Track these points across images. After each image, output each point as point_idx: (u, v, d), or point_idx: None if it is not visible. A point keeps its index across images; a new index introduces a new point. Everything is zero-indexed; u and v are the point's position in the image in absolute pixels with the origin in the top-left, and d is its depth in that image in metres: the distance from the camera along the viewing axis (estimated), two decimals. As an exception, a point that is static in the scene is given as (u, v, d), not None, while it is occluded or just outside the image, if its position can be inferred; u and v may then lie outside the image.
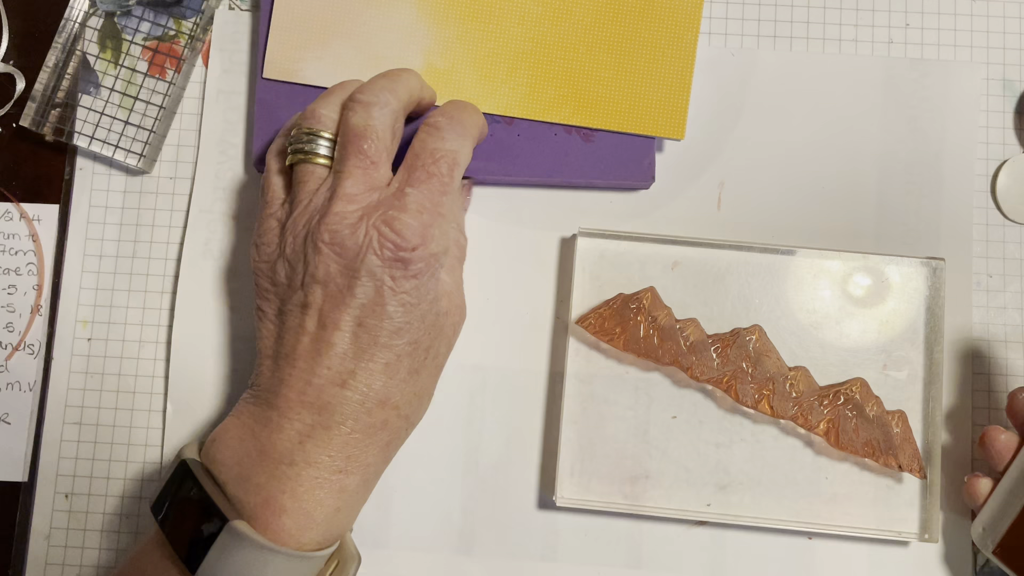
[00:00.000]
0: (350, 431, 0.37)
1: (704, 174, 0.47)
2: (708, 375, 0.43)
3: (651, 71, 0.45)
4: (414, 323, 0.38)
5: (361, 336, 0.37)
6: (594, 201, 0.47)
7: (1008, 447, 0.41)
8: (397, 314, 0.37)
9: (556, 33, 0.45)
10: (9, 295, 0.47)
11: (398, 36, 0.45)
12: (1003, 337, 0.46)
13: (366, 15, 0.45)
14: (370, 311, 0.37)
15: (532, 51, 0.45)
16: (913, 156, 0.47)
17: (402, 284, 0.37)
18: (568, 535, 0.44)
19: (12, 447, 0.46)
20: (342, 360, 0.37)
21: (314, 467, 0.37)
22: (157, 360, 0.46)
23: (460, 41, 0.45)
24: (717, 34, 0.48)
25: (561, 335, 0.46)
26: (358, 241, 0.37)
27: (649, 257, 0.46)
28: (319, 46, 0.45)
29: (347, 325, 0.37)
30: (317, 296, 0.37)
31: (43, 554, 0.45)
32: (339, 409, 0.37)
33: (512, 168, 0.45)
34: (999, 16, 0.48)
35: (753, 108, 0.47)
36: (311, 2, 0.46)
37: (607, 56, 0.45)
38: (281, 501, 0.36)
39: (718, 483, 0.44)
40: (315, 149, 0.40)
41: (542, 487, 0.45)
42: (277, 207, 0.40)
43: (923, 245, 0.46)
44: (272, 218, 0.40)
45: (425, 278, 0.38)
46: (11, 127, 0.48)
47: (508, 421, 0.45)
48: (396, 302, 0.37)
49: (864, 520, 0.44)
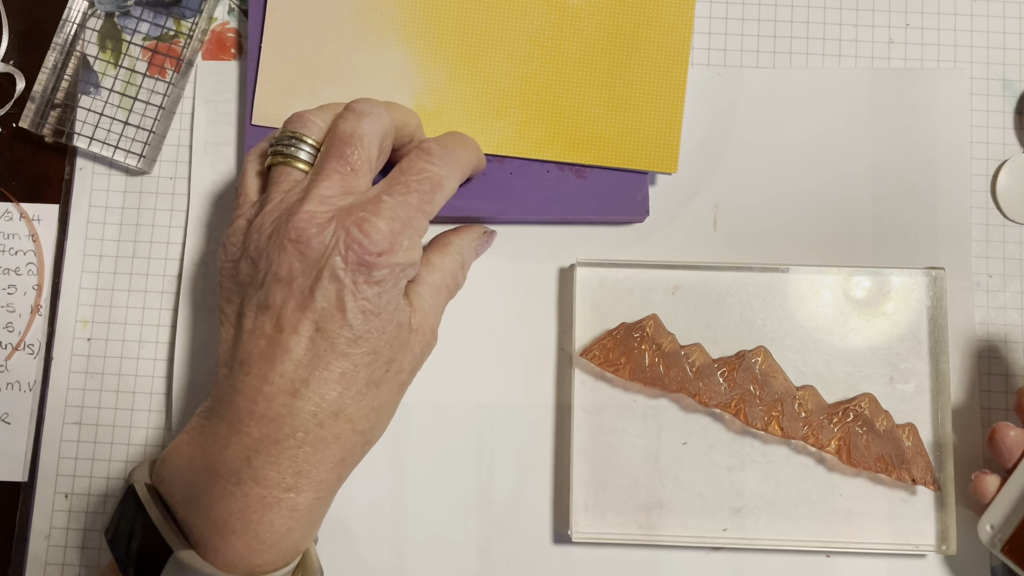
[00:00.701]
0: (299, 444, 0.35)
1: (699, 196, 0.47)
2: (716, 400, 0.43)
3: (641, 105, 0.45)
4: (374, 332, 0.36)
5: (318, 342, 0.35)
6: (591, 230, 0.46)
7: (1018, 443, 0.41)
8: (357, 321, 0.36)
9: (545, 71, 0.45)
10: (9, 295, 0.47)
11: (387, 79, 0.45)
12: (1004, 337, 0.46)
13: (354, 59, 0.45)
14: (329, 316, 0.35)
15: (521, 90, 0.45)
16: (906, 164, 0.47)
17: (363, 290, 0.36)
18: (585, 569, 0.44)
19: (12, 447, 0.46)
20: (296, 367, 0.35)
21: (262, 485, 0.35)
22: (157, 360, 0.46)
23: (449, 82, 0.45)
24: (700, 50, 0.48)
25: (566, 367, 0.45)
26: (324, 241, 0.36)
27: (649, 283, 0.45)
28: (307, 91, 0.45)
29: (305, 329, 0.35)
30: (277, 296, 0.36)
31: (43, 554, 0.45)
32: (289, 421, 0.35)
33: (505, 206, 0.45)
34: (999, 16, 0.48)
35: (743, 127, 0.47)
36: (298, 47, 0.45)
37: (596, 92, 0.45)
38: (230, 524, 0.35)
39: (733, 507, 0.44)
40: (296, 153, 0.39)
41: (556, 522, 0.45)
42: (248, 207, 0.39)
43: (922, 253, 0.46)
44: (242, 218, 0.39)
45: (388, 286, 0.36)
46: (11, 127, 0.48)
47: (518, 457, 0.45)
48: (356, 308, 0.36)
49: (881, 535, 0.44)
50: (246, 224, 0.38)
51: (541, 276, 0.46)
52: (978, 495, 0.42)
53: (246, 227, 0.38)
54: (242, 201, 0.40)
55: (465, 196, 0.45)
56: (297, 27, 0.45)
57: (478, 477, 0.45)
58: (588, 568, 0.44)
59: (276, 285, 0.36)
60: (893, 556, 0.44)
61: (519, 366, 0.46)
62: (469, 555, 0.44)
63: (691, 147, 0.47)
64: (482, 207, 0.45)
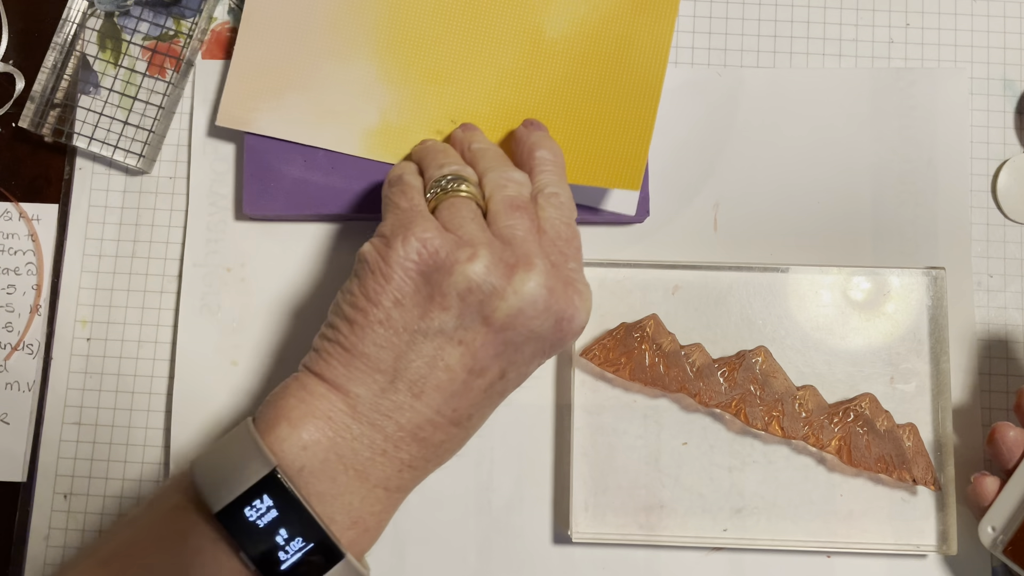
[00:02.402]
0: (442, 463, 0.38)
1: (699, 196, 0.47)
2: (716, 400, 0.43)
3: (611, 128, 0.44)
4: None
5: (495, 386, 0.37)
6: (591, 230, 0.46)
7: (1018, 444, 0.41)
8: (530, 373, 0.38)
9: (514, 101, 0.44)
10: (8, 295, 0.47)
11: (355, 91, 0.45)
12: (1004, 337, 0.46)
13: (325, 70, 0.45)
14: (518, 367, 0.37)
15: (488, 116, 0.44)
16: (906, 164, 0.47)
17: (555, 350, 0.37)
18: (586, 569, 0.44)
19: (11, 447, 0.46)
20: (471, 405, 0.37)
21: (404, 492, 0.37)
22: (156, 360, 0.46)
23: (416, 102, 0.45)
24: (700, 49, 0.48)
25: (566, 367, 0.45)
26: (551, 307, 0.36)
27: (649, 283, 0.45)
28: (274, 97, 0.45)
29: (492, 374, 0.36)
30: (477, 338, 0.35)
31: (42, 554, 0.45)
32: (447, 446, 0.37)
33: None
34: (999, 16, 0.48)
35: (743, 127, 0.47)
36: (271, 53, 0.45)
37: (565, 119, 0.44)
38: (367, 522, 0.36)
39: (733, 507, 0.44)
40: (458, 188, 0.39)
41: (556, 522, 0.44)
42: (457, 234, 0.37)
43: (922, 253, 0.46)
44: (444, 229, 0.37)
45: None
46: (11, 127, 0.48)
47: (518, 457, 0.45)
48: (538, 364, 0.38)
49: (881, 535, 0.44)
50: (455, 239, 0.36)
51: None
52: (977, 497, 0.42)
53: (454, 243, 0.36)
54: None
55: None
56: (272, 33, 0.45)
57: (478, 477, 0.45)
58: (588, 568, 0.44)
59: (482, 328, 0.35)
60: (894, 556, 0.44)
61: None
62: (469, 555, 0.44)
63: (691, 147, 0.47)
64: (482, 207, 0.45)
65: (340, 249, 0.46)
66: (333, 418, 0.35)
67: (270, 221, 0.47)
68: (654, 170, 0.46)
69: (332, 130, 0.45)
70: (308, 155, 0.45)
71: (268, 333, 0.46)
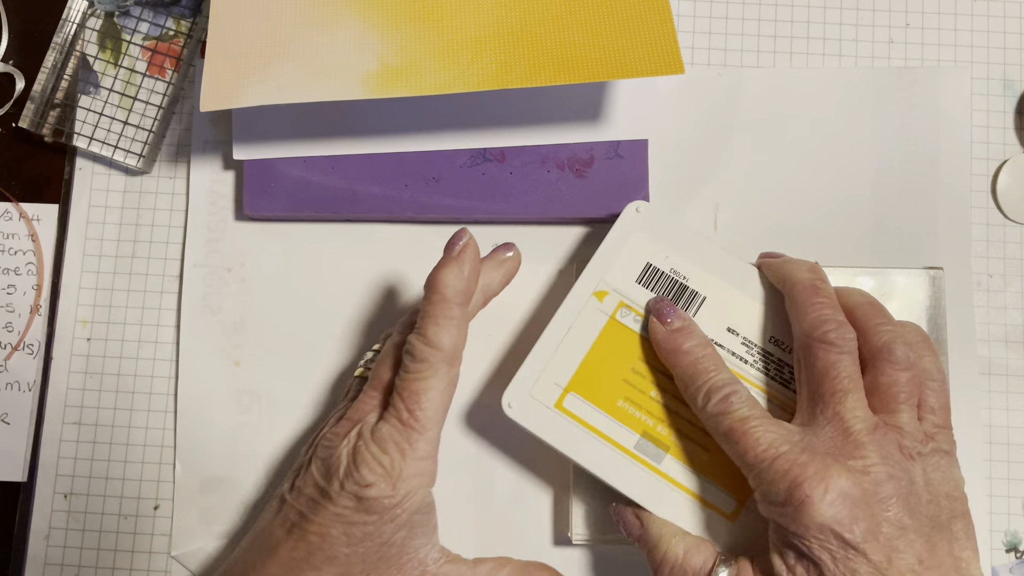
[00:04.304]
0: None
1: (699, 196, 0.47)
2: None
3: (626, 11, 0.41)
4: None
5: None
6: (591, 230, 0.46)
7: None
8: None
9: (520, 9, 0.42)
10: (8, 295, 0.47)
11: (345, 49, 0.43)
12: (1004, 337, 0.46)
13: (308, 36, 0.43)
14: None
15: (496, 32, 0.42)
16: (906, 164, 0.47)
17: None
18: (586, 570, 0.44)
19: (11, 447, 0.46)
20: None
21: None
22: (156, 360, 0.46)
23: (416, 40, 0.43)
24: (700, 49, 0.48)
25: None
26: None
27: (649, 283, 0.45)
28: (258, 71, 0.42)
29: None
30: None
31: (42, 554, 0.45)
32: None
33: (505, 206, 0.45)
34: (999, 16, 0.48)
35: (743, 127, 0.47)
36: (247, 32, 0.43)
37: (578, 14, 0.42)
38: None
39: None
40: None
41: (556, 523, 0.45)
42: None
43: (922, 253, 0.46)
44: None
45: None
46: (11, 127, 0.48)
47: (518, 457, 0.45)
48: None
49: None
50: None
51: (542, 278, 0.46)
52: (624, 529, 0.40)
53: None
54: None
55: (465, 197, 0.45)
56: (245, 11, 0.43)
57: (478, 478, 0.45)
58: (589, 569, 0.44)
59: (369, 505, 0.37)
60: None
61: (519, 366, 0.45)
62: (469, 555, 0.44)
63: (691, 145, 0.47)
64: (483, 207, 0.45)
65: (340, 249, 0.47)
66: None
67: (270, 221, 0.47)
68: (654, 170, 0.46)
69: (328, 83, 0.42)
70: (308, 155, 0.45)
71: (269, 333, 0.46)
